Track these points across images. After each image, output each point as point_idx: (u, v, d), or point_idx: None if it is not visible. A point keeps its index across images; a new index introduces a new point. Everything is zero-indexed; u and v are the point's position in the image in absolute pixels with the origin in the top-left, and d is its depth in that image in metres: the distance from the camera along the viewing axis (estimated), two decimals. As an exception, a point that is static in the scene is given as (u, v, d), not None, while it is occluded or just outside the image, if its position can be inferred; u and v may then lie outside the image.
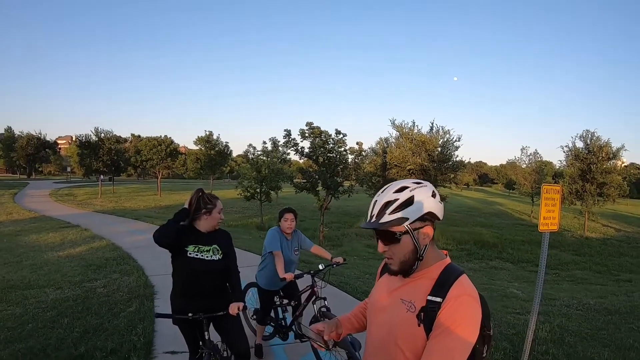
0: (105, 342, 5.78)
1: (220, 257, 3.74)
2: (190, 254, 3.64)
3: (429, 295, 1.66)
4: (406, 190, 1.72)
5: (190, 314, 3.60)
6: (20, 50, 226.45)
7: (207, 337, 3.71)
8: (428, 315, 1.62)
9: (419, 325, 1.64)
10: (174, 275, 3.80)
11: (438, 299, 1.62)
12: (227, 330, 3.89)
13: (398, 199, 1.70)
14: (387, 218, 1.69)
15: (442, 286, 1.66)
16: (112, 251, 12.96)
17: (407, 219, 1.68)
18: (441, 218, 1.77)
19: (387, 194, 1.74)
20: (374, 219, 1.73)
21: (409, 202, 1.69)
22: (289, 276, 4.86)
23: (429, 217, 1.71)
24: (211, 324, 3.79)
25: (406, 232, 1.69)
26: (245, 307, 3.71)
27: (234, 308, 3.58)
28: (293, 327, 5.55)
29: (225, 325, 3.85)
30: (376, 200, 1.75)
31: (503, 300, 9.86)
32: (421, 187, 1.75)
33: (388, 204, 1.70)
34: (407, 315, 1.68)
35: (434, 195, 1.74)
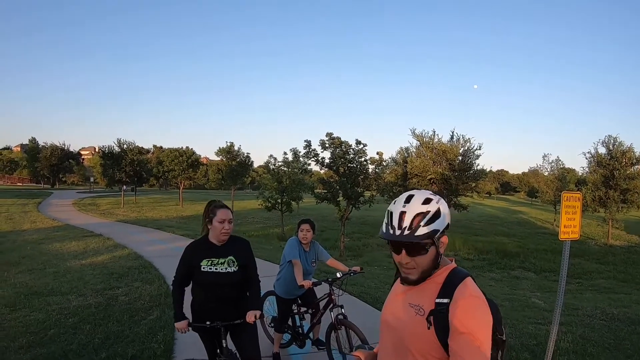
0: (126, 348, 5.83)
1: (236, 269, 3.70)
2: (204, 268, 3.64)
3: (436, 298, 1.68)
4: (432, 202, 1.73)
5: (208, 322, 3.62)
6: (44, 61, 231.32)
7: (224, 345, 3.69)
8: (438, 318, 1.64)
9: (428, 328, 1.65)
10: (192, 288, 3.82)
11: (445, 300, 1.65)
12: (240, 338, 3.86)
13: (430, 211, 1.71)
14: (422, 230, 1.68)
15: (448, 288, 1.69)
16: (134, 260, 13.09)
17: (438, 230, 1.70)
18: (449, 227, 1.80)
19: (415, 205, 1.73)
20: (406, 231, 1.69)
21: (438, 214, 1.71)
22: (307, 284, 4.88)
23: (446, 228, 1.75)
24: (229, 332, 3.79)
25: (433, 243, 1.71)
26: (262, 316, 3.68)
27: (250, 316, 3.58)
28: (310, 335, 5.55)
29: (240, 334, 3.83)
30: (404, 212, 1.72)
31: (525, 310, 9.71)
32: (440, 198, 1.78)
33: (420, 215, 1.70)
34: (417, 318, 1.70)
35: (447, 206, 1.78)
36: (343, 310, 4.98)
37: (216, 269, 3.64)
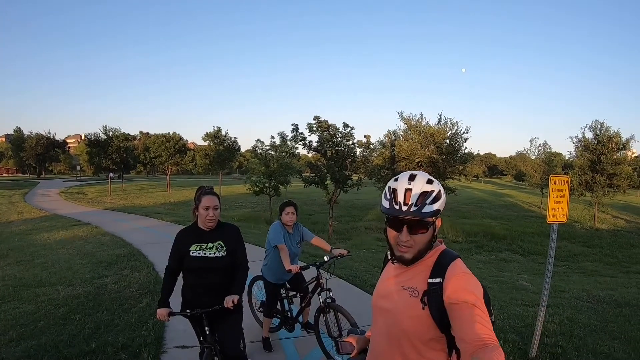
0: (117, 337, 5.85)
1: (224, 254, 3.70)
2: (192, 253, 3.67)
3: (429, 278, 1.72)
4: (435, 183, 1.79)
5: (188, 310, 3.66)
6: (25, 50, 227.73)
7: (207, 332, 3.70)
8: (432, 297, 1.68)
9: (423, 309, 1.70)
10: (183, 274, 3.85)
11: (438, 280, 1.70)
12: (220, 330, 3.82)
13: (433, 190, 1.76)
14: (428, 208, 1.73)
15: (439, 268, 1.74)
16: (122, 248, 13.04)
17: (439, 211, 1.76)
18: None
19: (419, 183, 1.77)
20: (414, 207, 1.73)
21: (440, 195, 1.78)
22: (294, 268, 4.89)
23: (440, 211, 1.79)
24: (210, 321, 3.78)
25: (432, 222, 1.77)
26: (240, 301, 3.62)
27: (228, 301, 3.52)
28: (299, 319, 5.60)
29: (220, 324, 3.80)
30: (409, 188, 1.76)
31: (512, 292, 9.84)
32: (438, 182, 1.83)
33: (425, 194, 1.74)
34: (411, 300, 1.75)
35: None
36: (331, 294, 5.02)
37: (205, 253, 3.66)
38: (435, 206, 1.73)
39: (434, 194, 1.74)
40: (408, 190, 1.75)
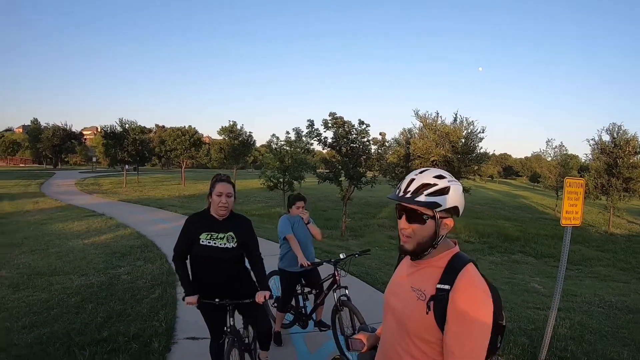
0: (128, 327, 5.93)
1: (234, 245, 3.72)
2: (202, 241, 3.68)
3: (438, 283, 1.72)
4: (444, 179, 1.79)
5: (217, 300, 3.66)
6: (41, 43, 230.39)
7: (231, 323, 3.77)
8: (438, 304, 1.68)
9: (427, 313, 1.70)
10: (190, 263, 3.86)
11: (446, 287, 1.69)
12: (251, 314, 3.96)
13: (437, 184, 1.76)
14: (422, 198, 1.74)
15: (449, 274, 1.72)
16: (136, 239, 13.21)
17: (439, 205, 1.74)
18: (460, 215, 1.84)
19: (426, 176, 1.79)
20: (409, 194, 1.77)
21: (445, 190, 1.76)
22: (305, 263, 4.98)
23: (453, 211, 1.79)
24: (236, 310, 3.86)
25: (432, 217, 1.76)
26: (271, 296, 3.75)
27: (260, 297, 3.65)
28: (313, 316, 5.61)
29: (250, 310, 3.91)
30: (413, 179, 1.80)
31: (524, 294, 9.79)
32: (456, 182, 1.82)
33: (426, 185, 1.76)
34: (418, 303, 1.75)
35: (462, 193, 1.83)
36: (347, 292, 5.03)
37: (215, 243, 3.68)
38: (434, 199, 1.74)
39: (435, 187, 1.75)
40: (413, 180, 1.80)
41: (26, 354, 5.17)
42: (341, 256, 5.21)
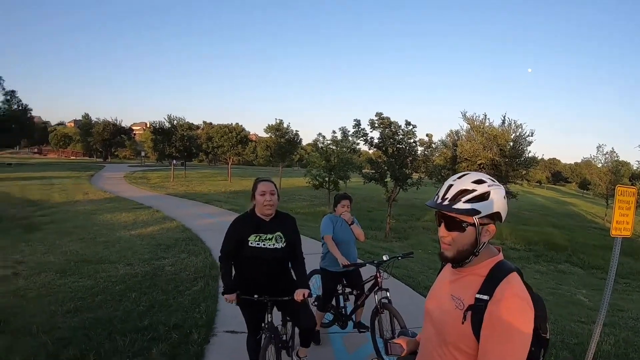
0: (169, 317, 6.06)
1: (283, 245, 3.76)
2: (251, 243, 3.71)
3: (477, 293, 1.67)
4: (484, 184, 1.73)
5: (256, 296, 3.68)
6: (92, 41, 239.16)
7: (269, 320, 3.78)
8: (475, 314, 1.65)
9: (462, 323, 1.66)
10: (236, 262, 3.91)
11: (485, 297, 1.64)
12: (293, 310, 3.96)
13: (476, 190, 1.71)
14: (461, 205, 1.70)
15: (490, 284, 1.67)
16: (181, 232, 13.47)
17: (479, 212, 1.69)
18: (503, 221, 1.78)
19: (464, 181, 1.74)
20: (446, 201, 1.73)
21: (485, 196, 1.71)
22: (345, 262, 4.97)
23: (495, 217, 1.74)
24: (275, 307, 3.88)
25: (472, 224, 1.71)
26: (310, 294, 3.74)
27: (299, 295, 3.64)
28: (352, 317, 5.56)
29: (291, 307, 3.91)
30: (452, 185, 1.76)
31: (568, 307, 9.46)
32: (497, 186, 1.76)
33: (465, 192, 1.71)
34: (456, 312, 1.71)
35: (504, 197, 1.77)
36: (388, 294, 4.96)
37: (264, 244, 3.71)
38: (473, 205, 1.69)
39: (474, 193, 1.70)
40: (451, 186, 1.76)
41: (68, 337, 5.34)
42: (384, 258, 5.15)
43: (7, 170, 45.26)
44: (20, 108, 57.79)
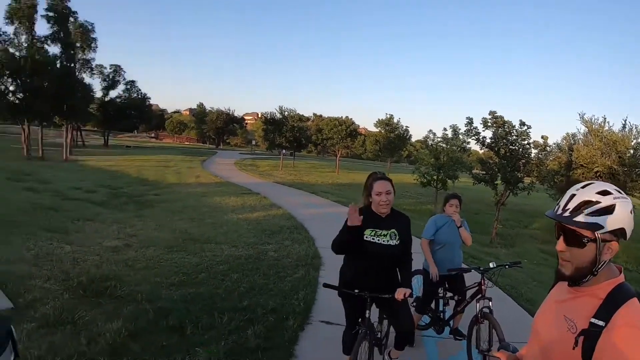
0: (268, 301, 6.16)
1: (397, 243, 3.71)
2: (366, 237, 3.68)
3: (592, 317, 1.51)
4: (609, 196, 1.56)
5: (356, 290, 3.65)
6: (205, 37, 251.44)
7: (367, 316, 3.72)
8: (588, 340, 1.49)
9: (573, 348, 1.51)
10: (348, 254, 3.91)
11: (601, 323, 1.48)
12: (393, 310, 3.89)
13: (600, 202, 1.54)
14: (582, 218, 1.54)
15: (607, 308, 1.50)
16: (286, 220, 13.70)
17: (602, 227, 1.52)
18: (628, 238, 1.60)
19: (588, 192, 1.58)
20: (567, 213, 1.58)
21: (609, 210, 1.54)
22: (435, 276, 4.98)
23: (619, 233, 1.55)
24: (374, 303, 3.81)
25: (593, 240, 1.54)
26: (411, 294, 3.65)
27: (400, 293, 3.56)
28: (450, 322, 5.35)
29: (391, 306, 3.83)
30: (574, 194, 1.61)
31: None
32: (623, 198, 1.58)
33: (588, 203, 1.55)
34: (567, 335, 1.56)
35: (631, 212, 1.58)
36: (490, 304, 4.71)
37: (379, 240, 3.69)
38: (595, 219, 1.52)
39: (598, 206, 1.53)
40: (573, 195, 1.61)
41: (169, 308, 5.63)
42: (491, 265, 4.88)
43: (126, 152, 49.43)
44: (139, 96, 62.80)
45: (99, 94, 54.44)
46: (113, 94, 57.56)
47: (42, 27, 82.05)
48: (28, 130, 36.11)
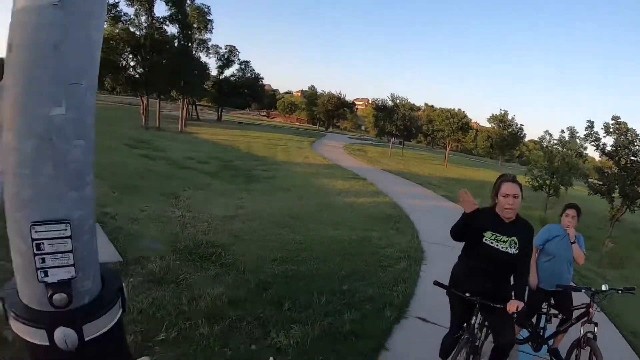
0: (367, 288, 6.17)
1: (516, 252, 3.59)
2: (486, 240, 3.61)
3: None
4: None
5: (467, 295, 3.61)
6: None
7: (473, 322, 3.68)
8: None
9: None
10: (463, 250, 3.87)
11: None
12: (497, 319, 3.76)
13: None
14: None
15: None
16: (392, 208, 13.57)
17: None
18: None
19: None
20: None
21: None
22: (533, 285, 4.86)
23: None
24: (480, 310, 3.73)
25: None
26: (524, 308, 3.47)
27: (513, 305, 3.42)
28: (549, 341, 5.06)
29: (497, 315, 3.69)
30: None
31: None
32: None
33: None
34: None
35: None
36: (596, 330, 4.38)
37: (498, 245, 3.60)
38: None
39: None
40: None
41: (269, 281, 5.87)
42: (603, 288, 4.56)
43: (238, 128, 51.74)
44: (252, 76, 65.35)
45: (214, 72, 57.23)
46: (228, 72, 60.21)
47: (161, 9, 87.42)
48: (147, 102, 38.74)
